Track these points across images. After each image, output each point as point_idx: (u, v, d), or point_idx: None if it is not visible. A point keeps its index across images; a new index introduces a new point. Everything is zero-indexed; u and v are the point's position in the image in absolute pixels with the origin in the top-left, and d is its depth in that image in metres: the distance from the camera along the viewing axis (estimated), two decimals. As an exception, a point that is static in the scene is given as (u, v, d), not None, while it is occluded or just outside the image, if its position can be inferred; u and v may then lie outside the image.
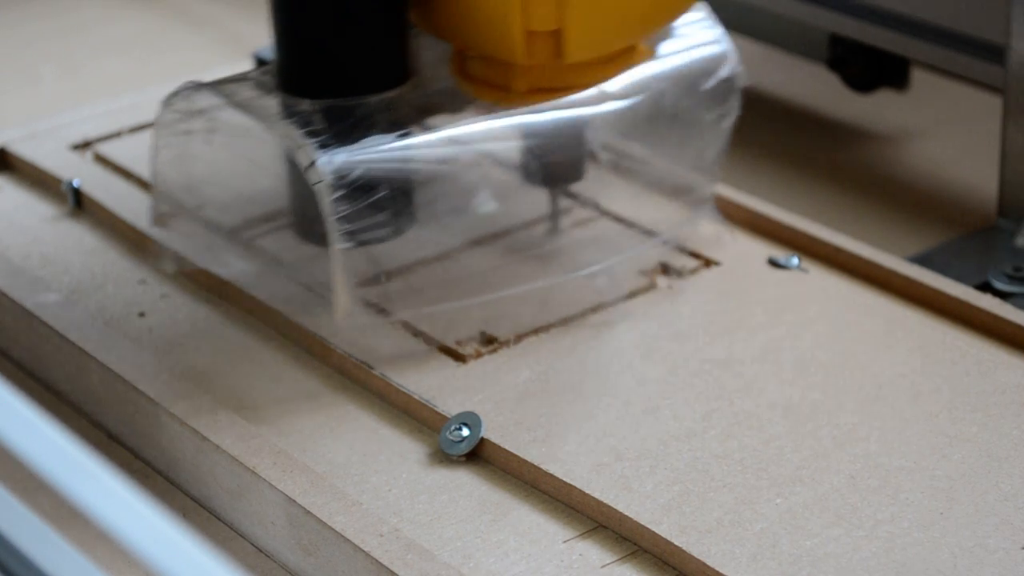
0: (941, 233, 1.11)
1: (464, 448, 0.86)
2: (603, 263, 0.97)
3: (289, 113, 0.91)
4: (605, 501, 0.81)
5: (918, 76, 1.25)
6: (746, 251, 1.02)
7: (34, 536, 0.59)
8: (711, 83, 0.98)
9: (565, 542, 0.81)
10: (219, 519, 0.87)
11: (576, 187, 1.03)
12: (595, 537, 0.81)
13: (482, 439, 0.86)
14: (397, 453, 0.87)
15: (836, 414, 0.88)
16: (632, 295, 0.98)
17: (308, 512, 0.81)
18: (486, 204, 1.01)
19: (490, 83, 0.93)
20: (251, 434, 0.86)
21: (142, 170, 1.10)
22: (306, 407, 0.90)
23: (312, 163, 0.88)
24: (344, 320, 0.91)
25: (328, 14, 0.90)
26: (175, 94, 0.96)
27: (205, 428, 0.87)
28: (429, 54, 0.97)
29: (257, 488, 0.84)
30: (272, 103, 0.92)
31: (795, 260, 1.01)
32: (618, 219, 1.03)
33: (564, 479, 0.83)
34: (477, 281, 0.97)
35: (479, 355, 0.93)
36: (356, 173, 0.88)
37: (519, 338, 0.94)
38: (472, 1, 0.89)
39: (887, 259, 0.99)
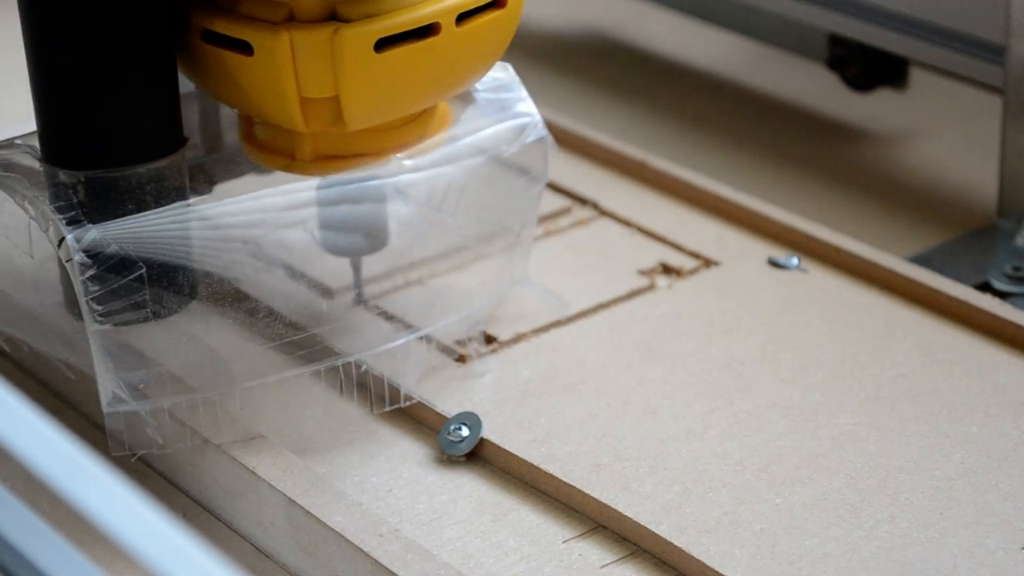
0: (941, 233, 1.11)
1: (464, 448, 0.86)
2: (404, 338, 0.90)
3: (50, 184, 0.84)
4: (605, 501, 0.81)
5: (917, 76, 1.25)
6: (746, 251, 1.02)
7: (34, 536, 0.59)
8: (515, 149, 0.92)
9: (565, 542, 0.81)
10: (219, 519, 0.87)
11: (381, 256, 0.94)
12: (595, 537, 0.81)
13: (482, 439, 0.86)
14: (397, 453, 0.87)
15: (836, 414, 0.88)
16: (632, 295, 0.98)
17: (308, 512, 0.81)
18: (263, 280, 0.92)
19: (276, 150, 0.87)
20: (251, 434, 0.86)
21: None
22: (306, 407, 0.90)
23: (62, 239, 0.81)
24: (110, 406, 0.84)
25: (84, 81, 0.83)
26: None
27: (205, 429, 0.86)
28: (223, 118, 0.92)
29: (257, 488, 0.84)
30: (27, 175, 0.85)
31: (795, 260, 1.01)
32: (422, 292, 0.98)
33: (564, 479, 0.83)
34: (255, 364, 0.89)
35: (479, 355, 0.93)
36: (111, 249, 0.81)
37: (519, 338, 0.94)
38: (246, 67, 0.82)
39: (887, 259, 0.99)
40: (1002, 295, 0.99)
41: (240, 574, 0.53)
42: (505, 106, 0.92)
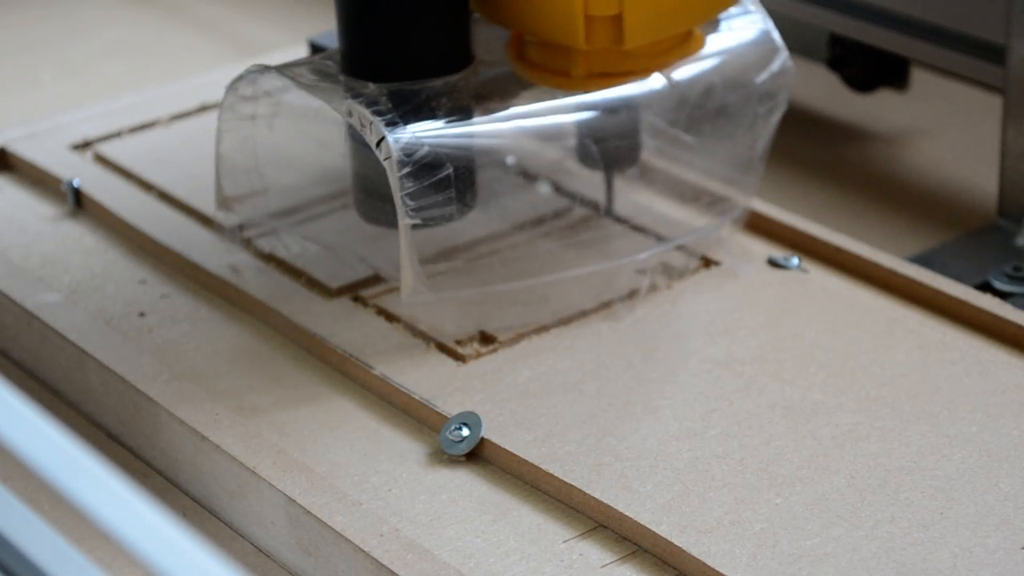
0: (941, 233, 1.11)
1: (464, 448, 0.86)
2: (652, 251, 0.99)
3: (355, 95, 0.92)
4: (605, 501, 0.81)
5: (918, 76, 1.25)
6: (746, 251, 1.02)
7: (34, 536, 0.59)
8: (763, 77, 0.99)
9: (565, 542, 0.81)
10: (219, 519, 0.87)
11: (620, 176, 1.04)
12: (595, 537, 0.81)
13: (482, 439, 0.86)
14: (397, 453, 0.87)
15: (836, 414, 0.88)
16: (632, 295, 0.98)
17: (308, 512, 0.81)
18: (544, 187, 1.04)
19: (549, 68, 0.94)
20: (251, 434, 0.86)
21: (142, 170, 1.10)
22: (306, 407, 0.90)
23: (382, 139, 0.89)
24: (409, 297, 0.92)
25: (391, 2, 0.92)
26: (240, 78, 0.97)
27: (205, 428, 0.87)
28: (488, 39, 0.98)
29: (257, 488, 0.84)
30: (337, 86, 0.94)
31: (795, 260, 1.01)
32: (662, 211, 1.04)
33: (564, 479, 0.83)
34: (534, 263, 0.99)
35: (479, 355, 0.93)
36: (423, 151, 0.90)
37: (519, 338, 0.94)
38: None
39: (887, 259, 0.99)
40: (1002, 295, 0.99)
41: (240, 574, 0.53)
42: (752, 33, 0.99)
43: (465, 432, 0.86)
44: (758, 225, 1.04)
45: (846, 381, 0.90)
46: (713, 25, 0.99)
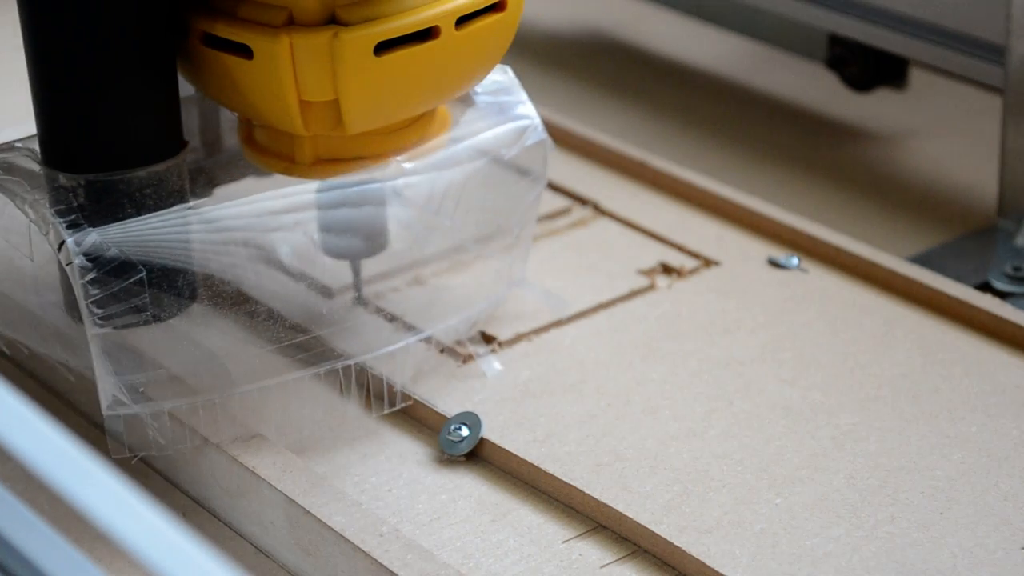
0: (941, 233, 1.11)
1: (464, 448, 0.86)
2: (405, 340, 0.91)
3: (50, 188, 0.84)
4: (605, 501, 0.81)
5: (917, 76, 1.25)
6: (746, 251, 1.02)
7: (34, 536, 0.59)
8: (515, 152, 0.92)
9: (565, 542, 0.81)
10: (219, 519, 0.87)
11: (380, 257, 0.95)
12: (595, 537, 0.81)
13: (482, 439, 0.86)
14: (397, 453, 0.87)
15: (836, 414, 0.88)
16: (632, 295, 0.98)
17: (308, 512, 0.81)
18: (262, 282, 0.92)
19: (276, 153, 0.87)
20: (251, 434, 0.86)
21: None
22: (306, 407, 0.90)
23: (62, 243, 0.81)
24: (109, 410, 0.84)
25: (83, 84, 0.83)
26: None
27: (206, 429, 0.86)
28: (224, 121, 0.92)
29: (257, 488, 0.84)
30: (26, 179, 0.85)
31: (795, 260, 1.01)
32: (422, 293, 0.98)
33: (564, 479, 0.83)
34: (254, 367, 0.88)
35: (479, 355, 0.93)
36: (111, 253, 0.81)
37: (519, 338, 0.94)
38: (246, 71, 0.82)
39: (887, 259, 0.99)
40: (1002, 295, 0.99)
41: (240, 574, 0.53)
42: (504, 109, 0.92)
43: (465, 432, 0.86)
44: (758, 225, 1.04)
45: (846, 381, 0.90)
46: (467, 100, 0.92)
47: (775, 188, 1.16)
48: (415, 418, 0.90)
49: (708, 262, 1.01)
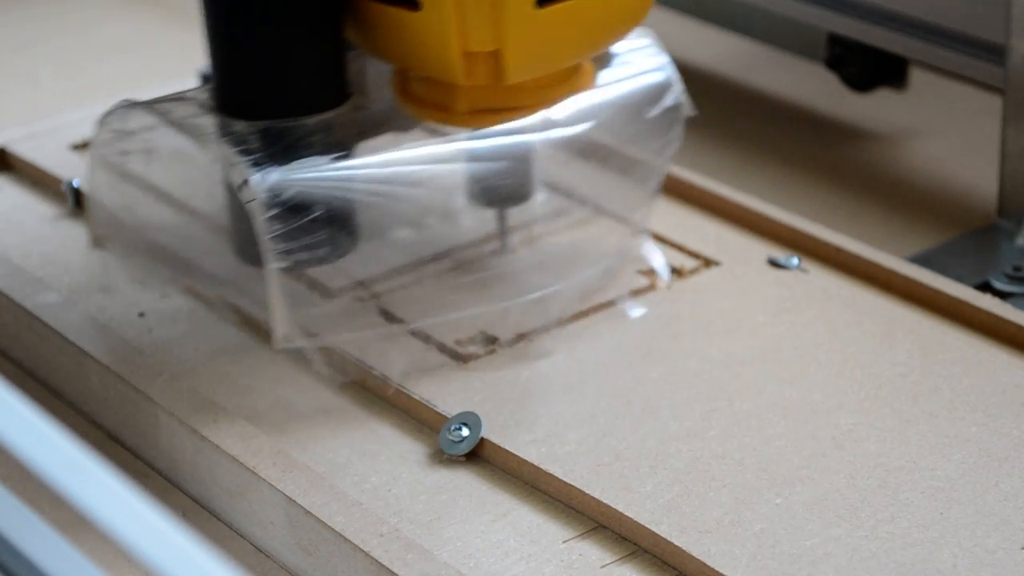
0: (941, 233, 1.11)
1: (464, 448, 0.86)
2: (549, 288, 0.95)
3: (225, 133, 0.89)
4: (605, 501, 0.81)
5: (917, 76, 1.25)
6: (746, 251, 1.02)
7: (34, 536, 0.59)
8: (655, 112, 0.97)
9: (565, 542, 0.81)
10: (219, 519, 0.87)
11: (521, 210, 1.01)
12: (595, 537, 0.81)
13: (482, 439, 0.86)
14: (397, 453, 0.87)
15: (836, 414, 0.88)
16: (632, 295, 0.98)
17: (308, 512, 0.81)
18: (425, 226, 1.00)
19: (432, 104, 0.91)
20: (251, 434, 0.86)
21: (142, 170, 1.10)
22: (306, 407, 0.90)
23: (245, 181, 0.86)
24: (282, 344, 0.89)
25: (262, 36, 0.89)
26: (109, 113, 0.95)
27: (205, 428, 0.87)
28: (378, 72, 0.96)
29: (257, 488, 0.84)
30: (209, 123, 0.91)
31: (795, 260, 1.01)
32: (562, 242, 1.02)
33: (564, 479, 0.83)
34: (417, 305, 0.95)
35: (479, 355, 0.93)
36: (290, 192, 0.87)
37: (519, 338, 0.94)
38: (410, 22, 0.87)
39: (887, 259, 0.99)
40: (1002, 295, 0.99)
41: (240, 574, 0.53)
42: (646, 68, 0.97)
43: (465, 432, 0.86)
44: (758, 225, 1.04)
45: (846, 381, 0.90)
46: (606, 58, 0.96)
47: (775, 188, 1.16)
48: (415, 418, 0.90)
49: (708, 262, 1.01)
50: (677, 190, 1.08)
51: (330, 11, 0.90)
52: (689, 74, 1.35)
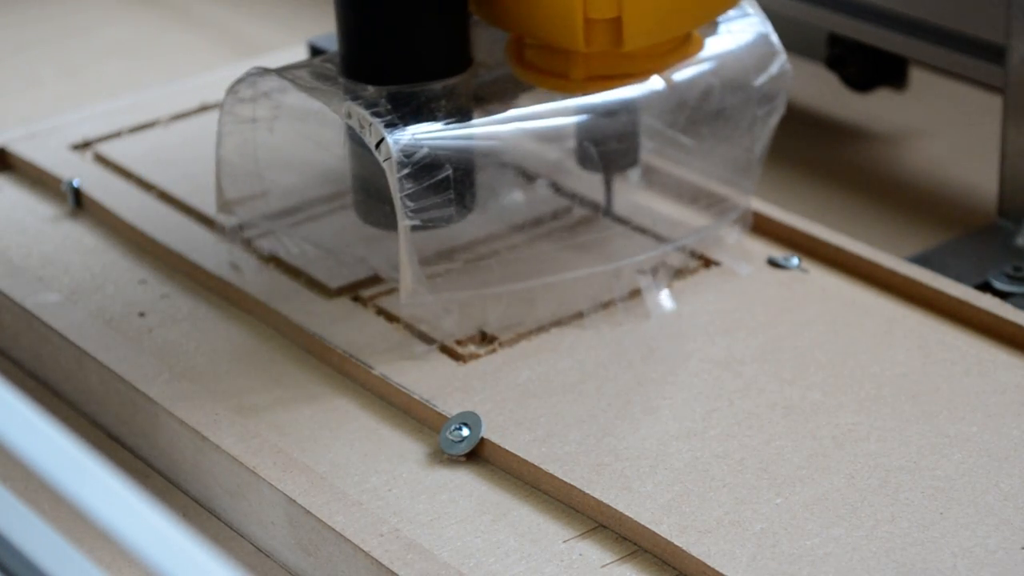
0: (941, 233, 1.11)
1: (464, 448, 0.86)
2: (652, 252, 0.99)
3: (354, 97, 0.93)
4: (605, 501, 0.81)
5: (918, 76, 1.25)
6: (746, 251, 1.02)
7: (34, 536, 0.59)
8: (762, 79, 1.00)
9: (565, 542, 0.81)
10: (219, 519, 0.87)
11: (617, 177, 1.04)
12: (595, 537, 0.81)
13: (482, 439, 0.86)
14: (397, 453, 0.87)
15: (836, 414, 0.88)
16: (632, 295, 0.98)
17: (308, 512, 0.81)
18: (543, 188, 1.05)
19: (548, 71, 0.94)
20: (251, 434, 0.86)
21: (142, 170, 1.10)
22: (306, 407, 0.90)
23: (382, 139, 0.90)
24: (408, 298, 0.93)
25: (391, 2, 0.92)
26: (239, 80, 0.97)
27: (205, 428, 0.87)
28: (489, 41, 0.99)
29: (257, 488, 0.84)
30: (336, 88, 0.94)
31: (795, 260, 1.01)
32: (661, 213, 1.05)
33: (564, 479, 0.83)
34: (533, 265, 0.99)
35: (479, 355, 0.93)
36: (422, 153, 0.90)
37: (519, 338, 0.94)
38: None
39: (887, 259, 0.99)
40: (1002, 295, 0.99)
41: (240, 574, 0.53)
42: (753, 37, 1.00)
43: (465, 432, 0.86)
44: (758, 225, 1.04)
45: (846, 381, 0.90)
46: (712, 27, 0.99)
47: (775, 188, 1.16)
48: (415, 418, 0.90)
49: (708, 262, 1.01)
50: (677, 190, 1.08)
51: None
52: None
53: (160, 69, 1.37)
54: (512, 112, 0.96)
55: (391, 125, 0.90)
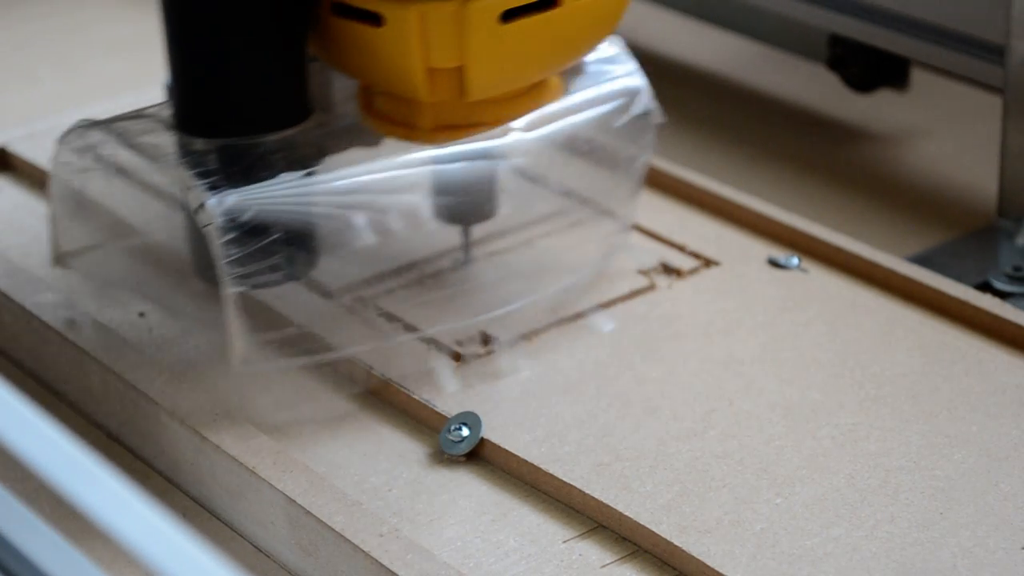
0: (941, 233, 1.11)
1: (464, 448, 0.86)
2: (515, 303, 0.94)
3: (184, 152, 0.88)
4: (605, 501, 0.81)
5: (918, 76, 1.25)
6: (746, 251, 1.02)
7: (34, 536, 0.59)
8: (625, 120, 0.95)
9: (565, 542, 0.81)
10: (219, 519, 0.87)
11: (490, 224, 0.99)
12: (595, 537, 0.81)
13: (482, 439, 0.86)
14: (397, 453, 0.87)
15: (836, 414, 0.88)
16: (632, 295, 0.98)
17: (308, 512, 0.81)
18: (395, 242, 0.98)
19: (396, 120, 0.90)
20: (251, 434, 0.86)
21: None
22: (306, 407, 0.90)
23: (201, 205, 0.85)
24: (240, 367, 0.88)
25: (220, 51, 0.87)
26: (69, 131, 0.93)
27: (205, 428, 0.86)
28: (345, 87, 0.94)
29: (257, 488, 0.84)
30: (167, 141, 0.89)
31: (795, 260, 1.01)
32: (532, 256, 1.00)
33: (564, 479, 0.83)
34: (379, 325, 0.94)
35: (479, 355, 0.93)
36: (248, 215, 0.85)
37: (519, 338, 0.94)
38: (373, 38, 0.85)
39: (887, 259, 0.99)
40: (1002, 295, 0.99)
41: (240, 574, 0.53)
42: (614, 78, 0.95)
43: (465, 432, 0.86)
44: (758, 225, 1.04)
45: (846, 381, 0.90)
46: (575, 68, 0.95)
47: (775, 188, 1.16)
48: (415, 418, 0.90)
49: (708, 262, 1.01)
50: (677, 190, 1.08)
51: (290, 25, 0.87)
52: (690, 74, 1.35)
53: (159, 69, 1.37)
54: (357, 166, 0.90)
55: (215, 186, 0.85)
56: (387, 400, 0.91)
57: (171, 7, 0.87)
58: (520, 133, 0.91)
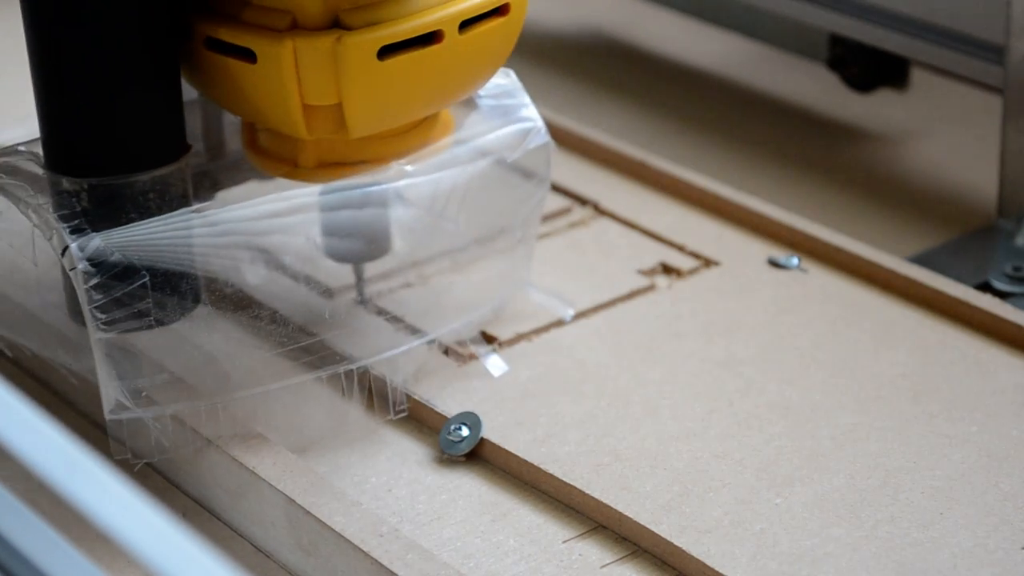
0: (941, 233, 1.11)
1: (464, 448, 0.86)
2: (408, 343, 0.91)
3: (54, 192, 0.84)
4: (605, 501, 0.81)
5: (918, 76, 1.25)
6: (746, 251, 1.02)
7: (34, 536, 0.59)
8: (518, 154, 0.92)
9: (565, 542, 0.81)
10: (219, 519, 0.87)
11: (380, 261, 0.95)
12: (595, 537, 0.81)
13: (482, 439, 0.86)
14: (397, 453, 0.87)
15: (836, 414, 0.88)
16: (632, 295, 0.98)
17: (308, 512, 0.81)
18: (280, 281, 0.94)
19: (279, 157, 0.87)
20: (251, 434, 0.86)
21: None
22: (306, 407, 0.90)
23: (66, 248, 0.81)
24: (112, 414, 0.84)
25: (87, 88, 0.82)
26: None
27: (205, 428, 0.86)
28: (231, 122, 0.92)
29: (257, 488, 0.84)
30: (29, 183, 0.85)
31: (795, 260, 1.01)
32: (430, 294, 0.98)
33: (564, 479, 0.83)
34: (261, 369, 0.88)
35: (478, 357, 0.93)
36: (114, 258, 0.81)
37: (519, 338, 0.94)
38: (249, 75, 0.82)
39: (887, 259, 0.99)
40: (1002, 295, 0.99)
41: (240, 574, 0.53)
42: (507, 112, 0.92)
43: (465, 432, 0.86)
44: (758, 225, 1.04)
45: (846, 381, 0.90)
46: (468, 103, 0.92)
47: (775, 188, 1.16)
48: (415, 418, 0.90)
49: (708, 262, 1.01)
50: (677, 190, 1.08)
51: (160, 60, 0.84)
52: (689, 74, 1.35)
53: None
54: (231, 206, 0.85)
55: (79, 230, 0.81)
56: (388, 400, 0.91)
57: (35, 38, 0.83)
58: (408, 169, 0.87)
